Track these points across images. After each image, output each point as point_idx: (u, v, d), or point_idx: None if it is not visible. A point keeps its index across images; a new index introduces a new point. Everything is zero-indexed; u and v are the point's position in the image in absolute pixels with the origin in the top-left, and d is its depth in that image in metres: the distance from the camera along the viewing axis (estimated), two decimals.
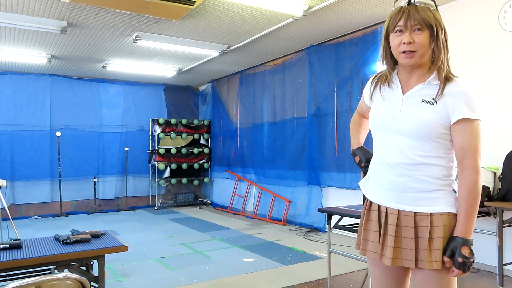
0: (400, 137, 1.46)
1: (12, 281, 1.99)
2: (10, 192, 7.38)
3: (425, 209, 1.43)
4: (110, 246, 2.42)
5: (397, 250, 1.47)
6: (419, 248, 1.43)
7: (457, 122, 1.40)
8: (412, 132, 1.43)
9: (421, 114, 1.43)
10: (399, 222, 1.47)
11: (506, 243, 3.70)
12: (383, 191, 1.52)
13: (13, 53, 6.25)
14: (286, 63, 6.74)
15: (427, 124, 1.41)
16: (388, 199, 1.50)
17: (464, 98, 1.39)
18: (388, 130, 1.51)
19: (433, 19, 1.39)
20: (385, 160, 1.51)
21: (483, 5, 4.03)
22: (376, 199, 1.55)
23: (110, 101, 8.49)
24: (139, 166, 8.76)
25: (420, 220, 1.44)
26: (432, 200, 1.43)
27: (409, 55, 1.41)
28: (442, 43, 1.41)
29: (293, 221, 6.48)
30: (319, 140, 6.02)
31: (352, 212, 3.04)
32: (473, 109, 1.39)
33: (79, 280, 1.40)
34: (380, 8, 4.56)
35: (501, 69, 3.90)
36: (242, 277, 3.86)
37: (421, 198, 1.44)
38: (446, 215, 1.42)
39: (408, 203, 1.45)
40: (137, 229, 6.36)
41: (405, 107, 1.47)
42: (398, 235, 1.47)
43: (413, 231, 1.44)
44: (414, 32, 1.39)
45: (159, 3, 4.05)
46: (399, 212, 1.47)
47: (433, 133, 1.42)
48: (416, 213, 1.44)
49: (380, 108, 1.56)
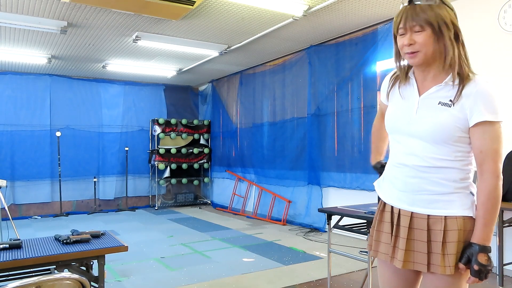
0: (416, 140, 1.43)
1: (12, 281, 1.99)
2: (10, 192, 7.38)
3: (439, 212, 1.39)
4: (110, 246, 2.42)
5: (408, 253, 1.44)
6: (432, 252, 1.39)
7: (476, 125, 1.34)
8: (428, 136, 1.39)
9: (438, 117, 1.38)
10: (412, 224, 1.44)
11: (506, 243, 3.70)
12: (396, 192, 1.49)
13: (13, 53, 6.25)
14: (286, 63, 6.74)
15: (443, 128, 1.36)
16: (402, 200, 1.47)
17: (483, 99, 1.33)
18: (403, 133, 1.47)
19: (434, 16, 1.34)
20: (400, 162, 1.48)
21: (483, 5, 4.03)
22: (390, 200, 1.52)
23: (110, 101, 8.49)
24: (139, 166, 8.76)
25: (433, 223, 1.40)
26: (446, 203, 1.39)
27: (412, 55, 1.39)
28: (450, 40, 1.36)
29: (293, 221, 6.48)
30: (319, 140, 6.02)
31: (352, 212, 3.04)
32: (493, 110, 1.33)
33: (79, 280, 1.40)
34: (380, 8, 4.56)
35: (501, 69, 3.90)
36: (242, 277, 3.86)
37: (435, 201, 1.40)
38: (461, 219, 1.37)
39: (422, 205, 1.42)
40: (137, 229, 6.36)
41: (421, 109, 1.43)
42: (410, 238, 1.44)
43: (425, 234, 1.40)
44: (415, 32, 1.37)
45: (159, 3, 4.05)
46: (412, 214, 1.44)
47: (450, 136, 1.37)
48: (429, 216, 1.41)
49: (396, 110, 1.52)
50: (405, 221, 1.45)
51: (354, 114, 5.48)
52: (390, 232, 1.50)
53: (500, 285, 3.54)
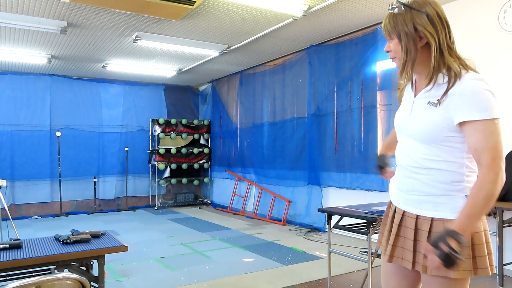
0: (409, 140, 1.48)
1: (12, 281, 1.99)
2: (10, 192, 7.38)
3: (427, 213, 1.42)
4: (110, 246, 2.42)
5: (395, 248, 1.50)
6: (418, 251, 1.43)
7: (465, 124, 1.31)
8: (417, 135, 1.43)
9: (425, 117, 1.40)
10: (402, 222, 1.50)
11: (506, 243, 3.70)
12: (395, 190, 1.58)
13: (13, 53, 6.25)
14: (286, 63, 6.74)
15: (430, 127, 1.37)
16: (398, 199, 1.55)
17: (468, 98, 1.30)
18: (402, 132, 1.53)
19: (394, 24, 1.40)
20: (399, 161, 1.55)
21: (483, 5, 4.03)
22: (392, 197, 1.61)
23: (110, 101, 8.49)
24: (139, 166, 8.76)
25: (421, 223, 1.43)
26: (435, 205, 1.40)
27: (393, 60, 1.49)
28: (406, 46, 1.38)
29: (293, 221, 6.48)
30: (319, 140, 6.02)
31: (352, 212, 3.04)
32: (480, 108, 1.28)
33: (79, 280, 1.40)
34: (380, 8, 4.56)
35: (501, 69, 3.90)
36: (242, 277, 3.86)
37: (424, 202, 1.43)
38: (449, 222, 1.35)
39: (412, 205, 1.47)
40: (137, 229, 6.36)
41: (415, 109, 1.47)
42: (399, 235, 1.50)
43: (413, 233, 1.44)
44: (389, 40, 1.46)
45: (159, 3, 4.05)
46: (404, 212, 1.50)
47: (437, 136, 1.37)
48: (418, 216, 1.44)
49: (399, 110, 1.59)
50: (398, 218, 1.52)
51: (354, 114, 5.48)
52: (389, 228, 1.57)
53: (500, 285, 3.54)
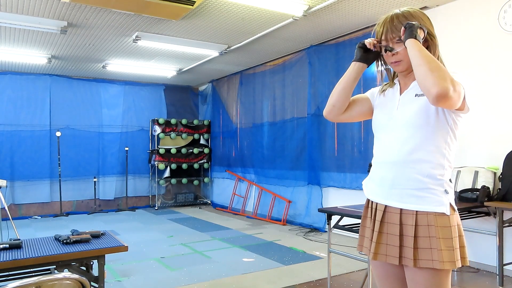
0: (394, 134, 1.51)
1: (12, 281, 2.00)
2: (10, 192, 7.38)
3: (410, 206, 1.44)
4: (110, 246, 2.42)
5: (379, 245, 1.50)
6: (404, 245, 1.44)
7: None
8: (407, 123, 1.46)
9: (414, 105, 1.46)
10: (384, 218, 1.51)
11: (506, 243, 3.70)
12: (374, 187, 1.58)
13: (13, 53, 6.24)
14: (286, 63, 6.74)
15: (421, 111, 1.44)
16: (377, 194, 1.55)
17: None
18: (384, 128, 1.57)
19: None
20: (379, 159, 1.57)
21: (483, 5, 4.03)
22: (370, 195, 1.60)
23: (110, 101, 8.49)
24: (139, 166, 8.76)
25: (405, 218, 1.46)
26: (419, 198, 1.43)
27: (396, 64, 1.54)
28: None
29: (293, 221, 6.48)
30: (319, 140, 6.02)
31: (352, 212, 3.04)
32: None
33: (79, 280, 1.40)
34: (380, 8, 4.55)
35: (501, 69, 3.90)
36: (242, 277, 3.86)
37: (407, 196, 1.45)
38: (433, 215, 1.41)
39: (395, 199, 1.48)
40: (137, 229, 6.36)
41: (401, 105, 1.53)
42: (382, 231, 1.51)
43: (398, 228, 1.46)
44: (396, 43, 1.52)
45: (159, 3, 4.05)
46: (385, 208, 1.51)
47: (427, 119, 1.43)
48: (402, 210, 1.46)
49: (380, 110, 1.62)
50: (379, 215, 1.52)
51: None
52: (371, 227, 1.57)
53: (500, 285, 3.54)
